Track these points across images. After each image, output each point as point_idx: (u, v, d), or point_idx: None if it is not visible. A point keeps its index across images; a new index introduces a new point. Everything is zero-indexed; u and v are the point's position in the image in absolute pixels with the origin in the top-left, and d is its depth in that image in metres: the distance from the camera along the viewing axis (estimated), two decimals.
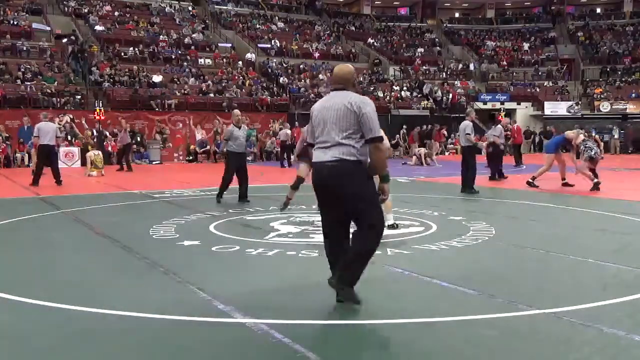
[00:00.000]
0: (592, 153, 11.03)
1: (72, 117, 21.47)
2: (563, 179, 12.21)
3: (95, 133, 21.25)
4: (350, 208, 4.02)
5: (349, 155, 3.96)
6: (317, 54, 34.46)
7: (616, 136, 30.16)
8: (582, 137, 11.67)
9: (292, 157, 22.07)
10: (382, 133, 4.10)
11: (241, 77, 28.82)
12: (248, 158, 13.67)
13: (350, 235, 4.14)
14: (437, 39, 41.68)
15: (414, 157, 20.79)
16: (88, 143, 19.32)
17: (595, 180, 11.13)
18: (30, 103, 22.37)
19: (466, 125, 11.21)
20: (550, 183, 12.33)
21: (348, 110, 3.98)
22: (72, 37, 26.34)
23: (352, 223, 4.14)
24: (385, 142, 8.02)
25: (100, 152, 17.39)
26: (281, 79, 29.82)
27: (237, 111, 10.61)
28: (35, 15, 29.11)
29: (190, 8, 35.66)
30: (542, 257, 5.79)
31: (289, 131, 21.89)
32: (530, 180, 12.08)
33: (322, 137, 4.04)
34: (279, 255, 5.85)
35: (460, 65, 37.87)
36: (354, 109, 3.98)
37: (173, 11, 34.54)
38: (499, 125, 14.86)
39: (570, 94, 35.14)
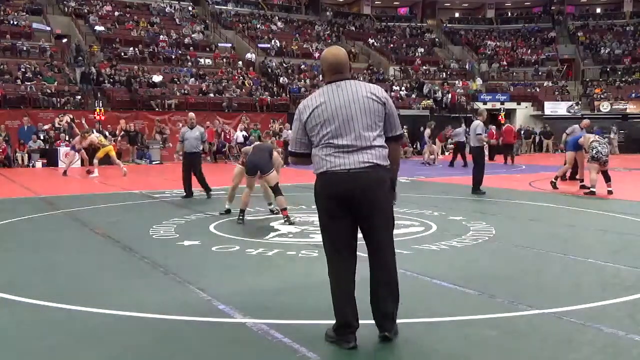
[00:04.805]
0: (594, 153, 10.93)
1: (72, 117, 21.45)
2: (581, 180, 12.12)
3: (95, 133, 21.23)
4: (378, 226, 3.35)
5: (382, 159, 3.31)
6: (317, 54, 34.43)
7: (614, 135, 30.08)
8: (591, 138, 11.54)
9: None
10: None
11: (241, 77, 28.82)
12: None
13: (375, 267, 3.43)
14: (437, 39, 41.69)
15: (431, 156, 20.92)
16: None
17: (592, 188, 10.96)
18: (30, 103, 22.36)
19: (477, 125, 11.20)
20: (558, 183, 12.28)
21: (375, 103, 3.30)
22: (80, 59, 26.09)
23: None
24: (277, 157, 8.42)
25: (101, 137, 17.46)
26: (281, 79, 29.82)
27: (191, 114, 11.41)
28: (35, 15, 29.08)
29: (190, 8, 35.64)
30: (542, 257, 5.79)
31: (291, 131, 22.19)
32: (554, 181, 11.99)
33: (339, 140, 3.27)
34: (279, 255, 5.85)
35: (468, 67, 37.90)
36: (382, 100, 3.32)
37: (173, 11, 34.53)
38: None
39: (570, 94, 35.15)
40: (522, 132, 29.03)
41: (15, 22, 27.55)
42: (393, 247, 3.45)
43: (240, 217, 7.86)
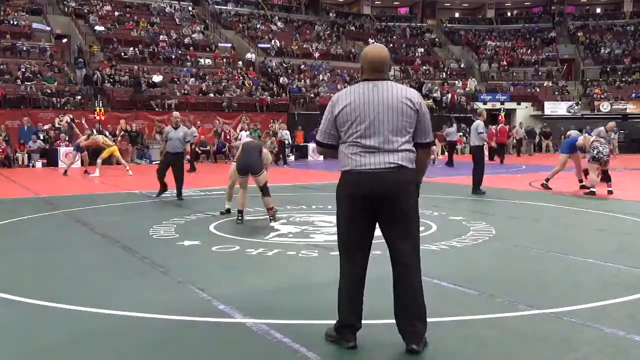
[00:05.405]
0: (595, 153, 10.87)
1: (72, 117, 21.46)
2: (580, 180, 12.09)
3: (95, 133, 21.23)
4: (401, 228, 3.26)
5: (408, 162, 3.26)
6: (317, 54, 34.46)
7: (614, 135, 30.02)
8: (592, 138, 11.49)
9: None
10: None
11: (241, 77, 28.82)
12: None
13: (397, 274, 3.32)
14: (437, 39, 41.71)
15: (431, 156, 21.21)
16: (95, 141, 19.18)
17: (592, 188, 10.92)
18: (30, 103, 22.36)
19: (478, 124, 11.27)
20: (558, 183, 12.30)
21: (408, 109, 3.25)
22: (81, 61, 25.93)
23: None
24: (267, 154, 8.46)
25: (106, 138, 17.55)
26: (281, 79, 29.82)
27: (176, 113, 11.11)
28: (35, 15, 29.07)
29: (190, 8, 35.64)
30: (542, 257, 5.79)
31: (287, 131, 22.80)
32: (545, 182, 11.99)
33: (367, 140, 3.23)
34: (279, 255, 5.85)
35: (462, 65, 37.97)
36: (415, 107, 3.27)
37: (173, 11, 34.53)
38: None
39: (570, 94, 35.16)
40: (526, 132, 28.95)
41: (15, 22, 27.54)
42: (418, 259, 3.32)
43: (239, 218, 7.86)
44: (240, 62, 30.68)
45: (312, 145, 25.26)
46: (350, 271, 3.36)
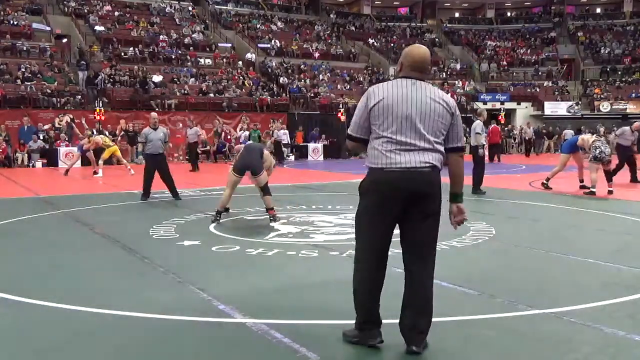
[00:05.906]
0: (597, 153, 10.83)
1: (72, 117, 21.46)
2: (581, 180, 12.09)
3: (95, 133, 21.23)
4: (422, 227, 3.29)
5: (440, 163, 3.27)
6: (317, 54, 34.46)
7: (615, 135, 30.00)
8: (593, 138, 11.47)
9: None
10: None
11: (241, 77, 28.82)
12: None
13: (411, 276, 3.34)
14: (437, 39, 41.71)
15: None
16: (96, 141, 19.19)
17: (592, 188, 10.90)
18: (30, 103, 22.37)
19: (477, 124, 11.26)
20: (558, 183, 12.30)
21: (444, 111, 3.24)
22: (83, 63, 25.84)
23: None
24: (269, 158, 8.42)
25: (106, 138, 17.56)
26: (281, 79, 29.83)
27: (154, 114, 11.00)
28: (35, 15, 29.08)
29: (190, 8, 35.65)
30: (542, 257, 5.79)
31: (285, 131, 23.13)
32: (545, 182, 12.00)
33: (401, 137, 3.18)
34: (279, 255, 5.85)
35: (460, 65, 37.98)
36: (451, 110, 3.28)
37: (173, 11, 34.53)
38: None
39: (570, 94, 35.16)
40: (500, 132, 28.83)
41: (15, 22, 27.54)
42: (433, 261, 3.36)
43: (217, 217, 7.88)
44: (240, 62, 30.69)
45: (312, 145, 25.30)
46: (372, 271, 3.32)
